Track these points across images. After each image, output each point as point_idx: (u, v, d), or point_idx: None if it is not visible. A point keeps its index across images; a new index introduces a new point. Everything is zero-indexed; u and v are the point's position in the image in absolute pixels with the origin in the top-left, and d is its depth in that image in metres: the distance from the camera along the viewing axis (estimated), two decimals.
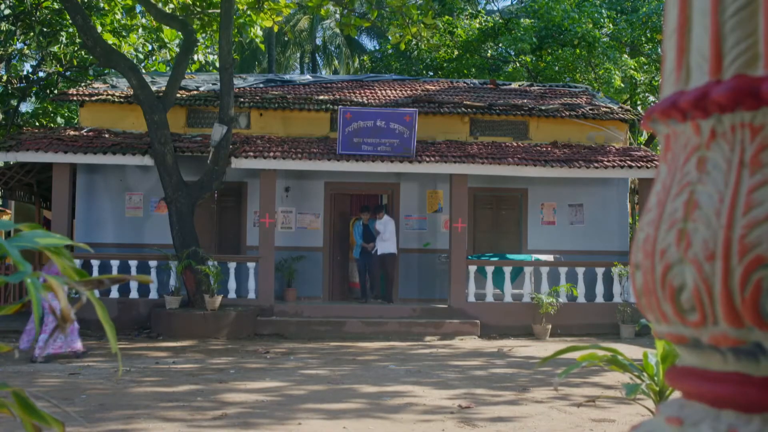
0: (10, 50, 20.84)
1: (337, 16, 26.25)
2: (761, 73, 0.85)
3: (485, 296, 14.27)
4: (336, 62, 35.37)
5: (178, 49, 18.90)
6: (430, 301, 15.22)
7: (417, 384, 8.70)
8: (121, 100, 15.59)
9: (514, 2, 29.05)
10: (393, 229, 14.51)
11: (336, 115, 14.88)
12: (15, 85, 21.50)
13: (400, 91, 17.42)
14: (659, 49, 22.31)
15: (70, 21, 16.94)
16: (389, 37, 24.69)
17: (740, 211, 0.84)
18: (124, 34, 20.10)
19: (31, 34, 20.49)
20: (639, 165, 14.53)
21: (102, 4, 18.96)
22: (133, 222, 15.40)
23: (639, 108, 23.38)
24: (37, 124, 23.13)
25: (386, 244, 14.39)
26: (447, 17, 24.67)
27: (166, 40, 20.82)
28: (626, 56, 22.15)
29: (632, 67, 21.80)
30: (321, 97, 16.34)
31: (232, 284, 13.92)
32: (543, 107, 16.33)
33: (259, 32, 18.18)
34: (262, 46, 21.18)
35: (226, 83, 13.72)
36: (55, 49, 21.15)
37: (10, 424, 1.63)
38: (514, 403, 7.74)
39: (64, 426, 1.54)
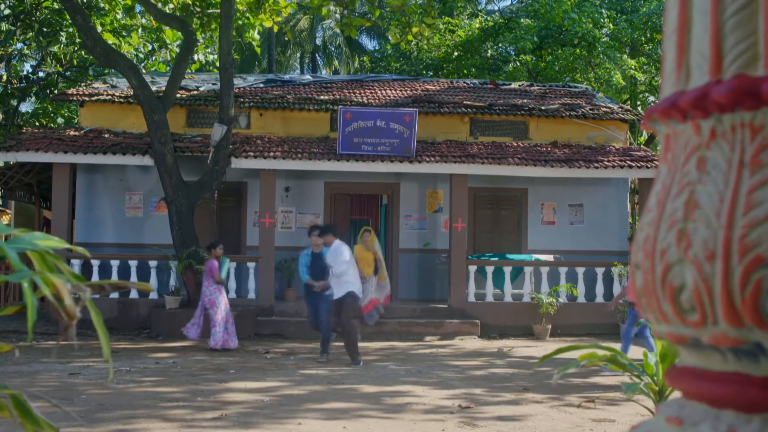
0: (10, 50, 20.84)
1: (337, 16, 26.26)
2: (761, 73, 0.85)
3: (485, 296, 14.26)
4: (336, 62, 35.35)
5: (178, 49, 18.91)
6: (430, 301, 15.22)
7: (417, 384, 8.69)
8: (121, 100, 15.59)
9: (514, 2, 29.06)
10: (347, 258, 10.25)
11: (336, 115, 14.88)
12: (15, 85, 21.50)
13: (400, 91, 17.43)
14: (659, 49, 22.30)
15: (70, 21, 16.94)
16: (389, 37, 24.71)
17: (740, 211, 0.84)
18: (124, 34, 20.10)
19: (31, 33, 20.49)
20: (639, 165, 14.53)
21: (102, 4, 18.96)
22: (133, 222, 15.40)
23: (639, 108, 23.38)
24: (37, 124, 23.13)
25: (341, 281, 10.21)
26: (446, 18, 24.66)
27: (166, 40, 20.82)
28: (626, 56, 22.15)
29: (632, 67, 21.79)
30: (321, 97, 16.34)
31: (232, 284, 13.92)
32: (543, 107, 16.33)
33: (256, 36, 18.19)
34: (258, 50, 21.18)
35: (226, 83, 13.72)
36: (55, 49, 21.16)
37: (9, 424, 1.62)
38: (514, 403, 7.74)
39: (57, 431, 1.54)
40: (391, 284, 15.86)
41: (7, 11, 20.45)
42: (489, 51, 24.72)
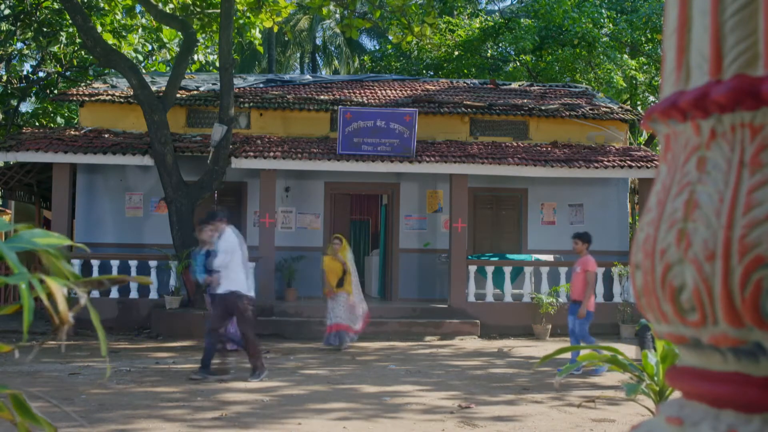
0: (10, 50, 20.84)
1: (338, 16, 26.25)
2: (761, 73, 0.85)
3: (485, 296, 14.26)
4: (336, 62, 35.35)
5: (178, 49, 18.91)
6: (430, 301, 15.21)
7: (417, 384, 8.70)
8: (121, 100, 15.59)
9: (514, 2, 29.06)
10: (231, 248, 8.63)
11: (336, 115, 14.88)
12: (15, 85, 21.50)
13: (400, 91, 17.42)
14: (659, 49, 22.30)
15: (70, 21, 16.94)
16: (389, 37, 24.70)
17: (740, 211, 0.84)
18: (124, 34, 20.10)
19: (31, 33, 20.49)
20: (639, 165, 14.53)
21: (102, 4, 18.96)
22: (133, 222, 15.40)
23: (639, 108, 23.38)
24: (37, 124, 23.13)
25: (224, 275, 8.63)
26: (447, 17, 24.67)
27: (166, 40, 20.83)
28: (626, 56, 22.15)
29: (632, 67, 21.80)
30: (321, 97, 16.34)
31: None
32: (543, 107, 16.33)
33: (258, 35, 18.18)
34: (260, 49, 21.16)
35: (226, 83, 13.72)
36: (55, 49, 21.15)
37: (9, 423, 1.63)
38: (514, 403, 7.74)
39: (56, 430, 1.54)
40: (392, 284, 15.89)
41: (7, 11, 20.45)
42: (489, 51, 24.71)
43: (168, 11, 16.31)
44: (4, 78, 21.28)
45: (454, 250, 14.09)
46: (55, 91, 21.02)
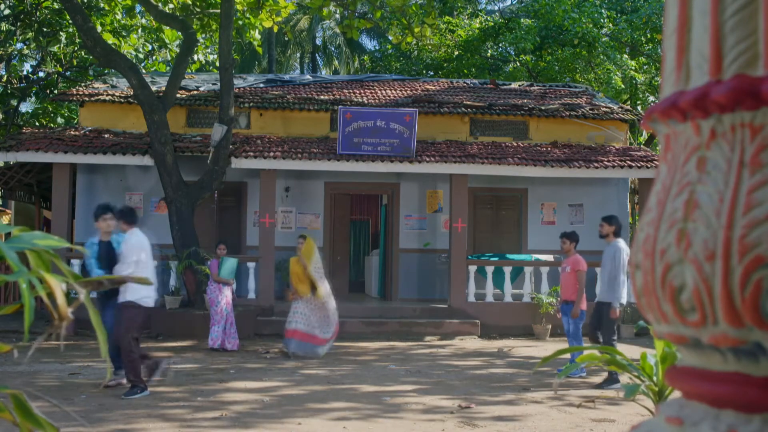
0: (10, 50, 20.84)
1: (338, 16, 26.25)
2: (761, 73, 0.85)
3: (485, 296, 14.26)
4: (336, 62, 35.33)
5: (178, 49, 18.91)
6: (430, 301, 15.22)
7: (417, 384, 8.70)
8: (121, 100, 15.59)
9: (514, 2, 29.06)
10: (138, 257, 7.91)
11: (336, 115, 14.88)
12: (15, 85, 21.50)
13: (400, 91, 17.42)
14: (659, 49, 22.29)
15: (70, 21, 16.94)
16: (389, 37, 24.70)
17: (740, 211, 0.84)
18: (124, 34, 20.10)
19: (31, 33, 20.49)
20: (639, 165, 14.53)
21: (102, 4, 18.96)
22: None
23: (639, 108, 23.38)
24: (37, 124, 23.13)
25: (129, 285, 7.62)
26: (447, 17, 24.67)
27: (166, 40, 20.81)
28: (626, 56, 22.15)
29: (632, 67, 21.80)
30: (321, 97, 16.34)
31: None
32: (543, 107, 16.33)
33: (257, 36, 18.19)
34: (260, 50, 21.15)
35: (226, 83, 13.72)
36: (55, 49, 21.15)
37: (9, 424, 1.63)
38: (514, 403, 7.74)
39: (58, 431, 1.54)
40: (392, 284, 15.89)
41: (7, 11, 20.45)
42: (489, 51, 24.71)
43: (168, 11, 16.30)
44: (4, 78, 21.28)
45: (454, 250, 14.09)
46: (55, 91, 21.02)
